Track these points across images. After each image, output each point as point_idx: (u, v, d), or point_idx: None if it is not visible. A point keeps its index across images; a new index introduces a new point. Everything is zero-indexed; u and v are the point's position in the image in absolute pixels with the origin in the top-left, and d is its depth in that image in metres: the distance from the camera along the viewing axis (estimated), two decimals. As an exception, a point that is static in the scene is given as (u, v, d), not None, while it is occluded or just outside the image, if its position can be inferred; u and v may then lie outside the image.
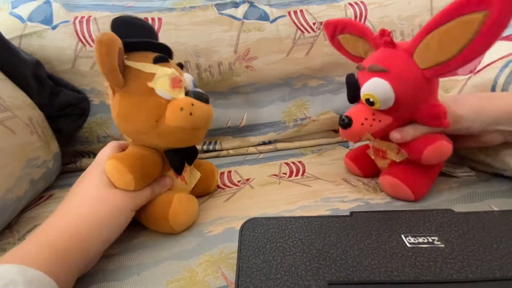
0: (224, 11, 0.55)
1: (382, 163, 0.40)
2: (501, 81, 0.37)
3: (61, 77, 0.50)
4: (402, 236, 0.26)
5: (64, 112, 0.49)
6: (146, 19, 0.52)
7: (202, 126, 0.33)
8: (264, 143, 0.59)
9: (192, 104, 0.30)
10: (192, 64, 0.53)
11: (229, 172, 0.48)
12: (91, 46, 0.50)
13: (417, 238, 0.26)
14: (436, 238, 0.26)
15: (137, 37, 0.31)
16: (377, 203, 0.36)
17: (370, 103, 0.33)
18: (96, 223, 0.27)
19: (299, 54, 0.57)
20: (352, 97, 0.36)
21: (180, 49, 0.53)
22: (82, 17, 0.51)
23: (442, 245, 0.25)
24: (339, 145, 0.59)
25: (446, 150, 0.34)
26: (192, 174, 0.38)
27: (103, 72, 0.28)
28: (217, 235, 0.31)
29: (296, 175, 0.46)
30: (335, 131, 0.61)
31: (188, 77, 0.34)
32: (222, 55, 0.54)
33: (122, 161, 0.30)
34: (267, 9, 0.57)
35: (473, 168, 0.41)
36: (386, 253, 0.24)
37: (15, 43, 0.46)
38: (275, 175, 0.46)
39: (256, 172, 0.47)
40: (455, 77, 0.43)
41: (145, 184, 0.31)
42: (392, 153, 0.37)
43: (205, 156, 0.57)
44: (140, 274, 0.27)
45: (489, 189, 0.37)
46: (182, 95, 0.31)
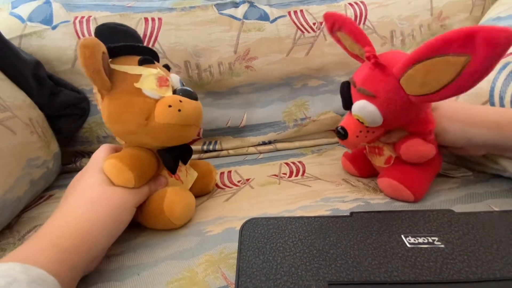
0: (224, 11, 0.55)
1: (378, 161, 0.40)
2: (499, 83, 0.37)
3: (61, 77, 0.50)
4: (402, 236, 0.26)
5: (64, 112, 0.49)
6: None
7: (192, 123, 0.33)
8: (264, 143, 0.59)
9: (180, 101, 0.31)
10: (192, 64, 0.53)
11: (229, 172, 0.48)
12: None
13: (417, 238, 0.26)
14: (436, 239, 0.26)
15: (120, 42, 0.31)
16: (377, 203, 0.36)
17: (359, 121, 0.35)
18: (99, 222, 0.27)
19: (299, 54, 0.56)
20: (346, 105, 0.37)
21: (180, 49, 0.52)
22: (82, 17, 0.51)
23: (442, 246, 0.25)
24: (339, 145, 0.59)
25: (423, 148, 0.34)
26: (188, 174, 0.38)
27: (88, 75, 0.28)
28: (217, 235, 0.31)
29: (296, 175, 0.46)
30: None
31: (175, 76, 0.35)
32: (222, 55, 0.54)
33: (122, 159, 0.30)
34: (267, 9, 0.57)
35: (473, 169, 0.41)
36: (386, 253, 0.24)
37: (15, 43, 0.46)
38: (275, 175, 0.46)
39: (256, 172, 0.47)
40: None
41: (144, 182, 0.32)
42: (387, 148, 0.38)
43: (205, 156, 0.57)
44: (140, 274, 0.27)
45: (489, 189, 0.37)
46: (169, 93, 0.32)
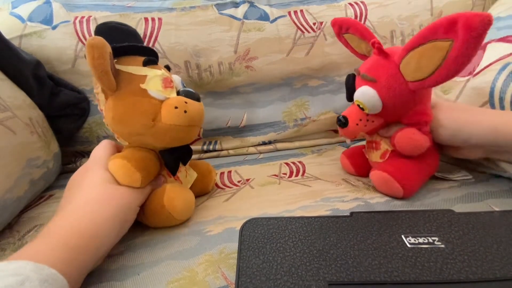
0: (224, 11, 0.55)
1: (374, 156, 0.40)
2: (499, 84, 0.37)
3: (61, 77, 0.50)
4: (403, 236, 0.26)
5: (64, 112, 0.49)
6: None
7: (196, 123, 0.34)
8: (264, 143, 0.59)
9: (186, 102, 0.32)
10: (192, 64, 0.53)
11: (229, 172, 0.48)
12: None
13: (418, 238, 0.26)
14: (437, 239, 0.26)
15: (123, 42, 0.32)
16: (377, 202, 0.35)
17: (360, 108, 0.36)
18: (107, 221, 0.27)
19: (299, 54, 0.56)
20: (349, 97, 0.38)
21: (180, 49, 0.52)
22: (82, 17, 0.51)
23: (443, 246, 0.25)
24: (339, 145, 0.59)
25: (417, 137, 0.35)
26: (188, 174, 0.38)
27: (97, 75, 0.28)
28: (217, 235, 0.31)
29: (296, 175, 0.46)
30: (335, 131, 0.61)
31: (177, 78, 0.35)
32: (222, 55, 0.54)
33: (130, 160, 0.30)
34: (267, 9, 0.57)
35: (473, 170, 0.41)
36: (387, 253, 0.24)
37: (15, 43, 0.46)
38: (275, 175, 0.46)
39: (256, 172, 0.47)
40: (454, 78, 0.43)
41: (148, 182, 0.33)
42: (385, 142, 0.39)
43: (205, 156, 0.57)
44: (140, 274, 0.27)
45: (489, 189, 0.37)
46: (174, 95, 0.33)
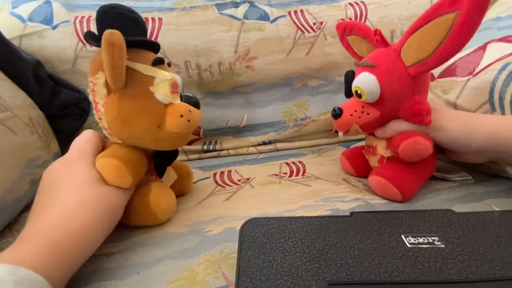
0: (224, 11, 0.55)
1: (372, 160, 0.40)
2: (499, 84, 0.37)
3: (62, 77, 0.50)
4: (402, 236, 0.26)
5: (64, 112, 0.49)
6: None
7: (192, 131, 0.34)
8: (264, 143, 0.59)
9: (190, 111, 0.31)
10: (193, 64, 0.53)
11: (229, 171, 0.48)
12: (91, 46, 0.50)
13: (417, 238, 0.26)
14: (437, 238, 0.26)
15: (129, 31, 0.28)
16: (377, 203, 0.35)
17: (358, 95, 0.36)
18: (96, 223, 0.26)
19: (299, 54, 0.57)
20: (347, 92, 0.38)
21: (181, 49, 0.53)
22: (83, 17, 0.51)
23: (443, 245, 0.25)
24: (339, 145, 0.59)
25: (423, 147, 0.34)
26: (168, 174, 0.38)
27: (113, 75, 0.27)
28: (217, 235, 0.31)
29: (297, 174, 0.46)
30: (336, 131, 0.61)
31: (179, 79, 0.33)
32: (223, 55, 0.54)
33: (124, 161, 0.29)
34: (267, 9, 0.57)
35: (473, 170, 0.41)
36: (386, 253, 0.24)
37: (15, 43, 0.46)
38: (275, 175, 0.46)
39: (256, 172, 0.47)
40: (454, 78, 0.43)
41: (136, 182, 0.32)
42: (381, 148, 0.38)
43: (205, 156, 0.57)
44: (140, 273, 0.27)
45: (489, 189, 0.37)
46: (178, 101, 0.32)
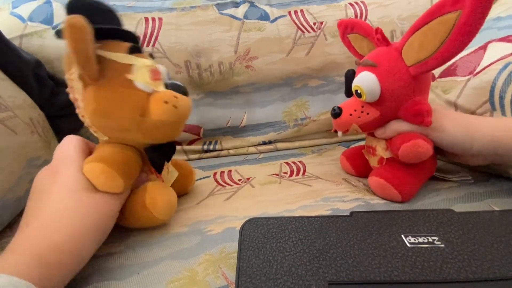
0: (225, 11, 0.56)
1: (372, 160, 0.40)
2: (499, 83, 0.37)
3: (62, 77, 0.50)
4: (402, 236, 0.26)
5: (64, 112, 0.49)
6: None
7: (184, 119, 0.32)
8: (264, 143, 0.59)
9: (175, 97, 0.29)
10: (193, 64, 0.53)
11: (229, 171, 0.48)
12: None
13: (417, 238, 0.26)
14: (436, 238, 0.26)
15: (100, 23, 0.27)
16: (377, 203, 0.35)
17: (358, 94, 0.35)
18: (87, 234, 0.25)
19: (299, 54, 0.57)
20: (347, 91, 0.38)
21: (181, 49, 0.53)
22: (83, 17, 0.51)
23: (442, 245, 0.25)
24: (339, 145, 0.59)
25: (423, 150, 0.33)
26: (169, 172, 0.37)
27: (79, 61, 0.25)
28: (217, 235, 0.31)
29: (297, 174, 0.46)
30: (335, 131, 0.61)
31: (163, 69, 0.32)
32: (223, 55, 0.54)
33: (110, 164, 0.27)
34: (267, 9, 0.57)
35: (473, 170, 0.41)
36: (386, 253, 0.24)
37: (15, 43, 0.46)
38: (275, 175, 0.46)
39: (256, 172, 0.47)
40: (455, 78, 0.43)
41: (130, 185, 0.30)
42: (381, 149, 0.38)
43: (205, 156, 0.57)
44: (140, 273, 0.27)
45: (489, 188, 0.37)
46: (162, 88, 0.30)
